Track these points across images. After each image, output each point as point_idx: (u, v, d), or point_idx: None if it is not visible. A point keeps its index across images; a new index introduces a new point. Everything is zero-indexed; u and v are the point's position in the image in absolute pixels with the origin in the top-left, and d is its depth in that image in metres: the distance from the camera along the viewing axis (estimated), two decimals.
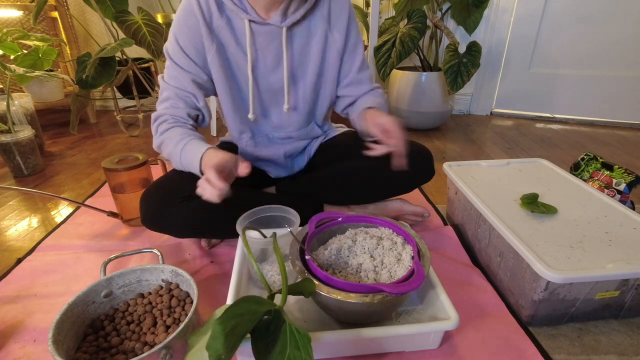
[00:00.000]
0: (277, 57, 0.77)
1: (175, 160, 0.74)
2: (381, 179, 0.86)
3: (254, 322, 0.44)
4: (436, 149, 1.62)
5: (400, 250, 0.64)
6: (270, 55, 0.77)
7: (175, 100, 0.76)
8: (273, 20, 0.72)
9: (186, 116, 0.76)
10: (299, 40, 0.77)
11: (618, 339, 0.64)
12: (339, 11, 0.78)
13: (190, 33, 0.73)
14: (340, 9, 0.78)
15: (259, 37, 0.75)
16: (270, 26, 0.73)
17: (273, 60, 0.77)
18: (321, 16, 0.77)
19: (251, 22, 0.73)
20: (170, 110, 0.76)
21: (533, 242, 0.66)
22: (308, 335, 0.45)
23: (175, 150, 0.72)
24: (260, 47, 0.76)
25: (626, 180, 0.96)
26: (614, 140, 1.73)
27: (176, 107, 0.76)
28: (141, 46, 1.44)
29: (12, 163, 1.34)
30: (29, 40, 1.41)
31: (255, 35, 0.74)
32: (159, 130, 0.75)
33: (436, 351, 0.61)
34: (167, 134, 0.74)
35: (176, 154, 0.72)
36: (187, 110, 0.76)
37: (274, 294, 0.53)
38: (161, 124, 0.75)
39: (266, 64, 0.77)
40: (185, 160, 0.71)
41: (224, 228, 0.77)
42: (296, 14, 0.73)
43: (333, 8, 0.78)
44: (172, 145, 0.72)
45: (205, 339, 0.44)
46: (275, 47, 0.76)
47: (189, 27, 0.72)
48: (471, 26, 1.91)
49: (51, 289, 0.78)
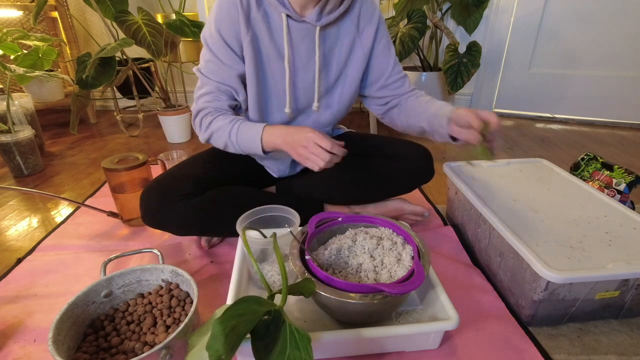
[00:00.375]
0: (308, 55, 0.77)
1: (231, 144, 0.75)
2: (381, 179, 0.87)
3: (254, 322, 0.44)
4: (436, 149, 1.62)
5: (400, 250, 0.64)
6: (301, 51, 0.77)
7: (217, 94, 0.76)
8: (309, 18, 0.73)
9: (228, 107, 0.78)
10: (328, 42, 0.78)
11: (618, 339, 0.64)
12: (368, 17, 0.79)
13: (232, 23, 0.72)
14: (371, 15, 0.80)
15: (294, 33, 0.75)
16: (305, 24, 0.74)
17: (304, 57, 0.78)
18: (351, 20, 0.78)
19: (288, 18, 0.73)
20: (213, 103, 0.76)
21: (533, 242, 0.66)
22: (308, 335, 0.45)
23: (231, 134, 0.74)
24: (295, 42, 0.76)
25: (626, 180, 0.96)
26: (614, 140, 1.73)
27: (218, 99, 0.77)
28: (141, 46, 1.44)
29: (12, 163, 1.34)
30: (29, 40, 1.41)
31: (290, 30, 0.75)
32: (204, 124, 0.76)
33: (436, 351, 0.61)
34: (215, 124, 0.75)
35: (232, 136, 0.74)
36: (229, 103, 0.78)
37: (274, 294, 0.53)
38: (205, 116, 0.76)
39: (300, 60, 0.78)
40: (244, 139, 0.73)
41: (224, 226, 0.77)
42: (331, 15, 0.74)
43: (362, 13, 0.79)
44: (226, 132, 0.74)
45: (206, 339, 0.44)
46: (306, 45, 0.76)
47: (231, 16, 0.72)
48: (471, 26, 1.91)
49: (51, 289, 0.78)
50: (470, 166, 0.89)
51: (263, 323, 0.46)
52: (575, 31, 1.85)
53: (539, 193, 0.83)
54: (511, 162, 0.99)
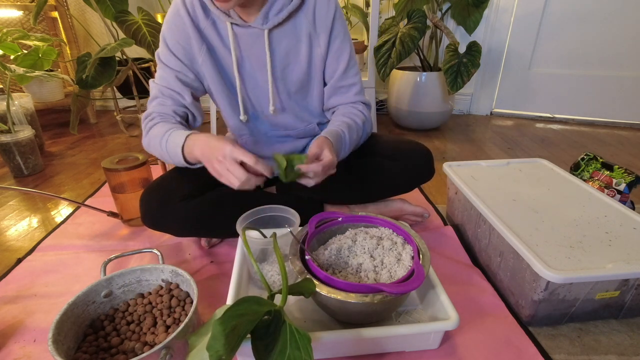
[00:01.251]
0: (261, 59, 0.76)
1: (165, 154, 0.72)
2: (381, 179, 0.86)
3: (254, 322, 0.44)
4: (436, 149, 1.62)
5: (400, 250, 0.64)
6: (254, 57, 0.76)
7: (162, 98, 0.76)
8: (255, 23, 0.72)
9: (172, 113, 0.76)
10: (285, 42, 0.76)
11: (618, 339, 0.64)
12: (324, 13, 0.75)
13: (177, 33, 0.74)
14: (326, 12, 0.75)
15: (243, 39, 0.75)
16: (252, 28, 0.73)
17: (257, 62, 0.77)
18: (305, 18, 0.75)
19: (233, 25, 0.73)
20: (157, 108, 0.76)
21: (533, 242, 0.66)
22: (308, 335, 0.45)
23: (161, 142, 0.71)
24: (245, 48, 0.75)
25: (626, 180, 0.96)
26: (614, 140, 1.73)
27: (163, 104, 0.76)
28: (141, 46, 1.44)
29: (12, 163, 1.34)
30: (29, 40, 1.41)
31: (238, 37, 0.74)
32: (145, 129, 0.75)
33: (436, 351, 0.61)
34: (153, 131, 0.73)
35: (163, 145, 0.70)
36: (174, 108, 0.76)
37: (274, 294, 0.53)
38: (148, 122, 0.75)
39: (252, 65, 0.77)
40: (171, 148, 0.70)
41: (224, 227, 0.77)
42: (278, 15, 0.72)
43: (318, 10, 0.75)
44: (157, 140, 0.71)
45: (206, 340, 0.44)
46: (258, 49, 0.76)
47: (177, 26, 0.73)
48: (471, 26, 1.91)
49: (51, 289, 0.78)
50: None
51: (263, 323, 0.46)
52: (575, 31, 1.85)
53: (539, 193, 0.83)
54: (511, 162, 0.99)
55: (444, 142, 1.72)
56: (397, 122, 1.97)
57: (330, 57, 0.79)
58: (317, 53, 0.78)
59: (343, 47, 0.79)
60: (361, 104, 0.83)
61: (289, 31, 0.75)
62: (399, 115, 1.90)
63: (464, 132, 1.87)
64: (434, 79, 1.74)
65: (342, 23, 0.78)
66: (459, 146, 1.66)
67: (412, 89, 1.78)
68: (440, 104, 1.79)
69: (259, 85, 0.79)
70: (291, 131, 0.87)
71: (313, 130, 0.90)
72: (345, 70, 0.80)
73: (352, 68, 0.81)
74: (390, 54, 1.59)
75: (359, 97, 0.83)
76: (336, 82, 0.81)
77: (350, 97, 0.82)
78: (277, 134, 0.88)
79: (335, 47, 0.78)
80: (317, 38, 0.77)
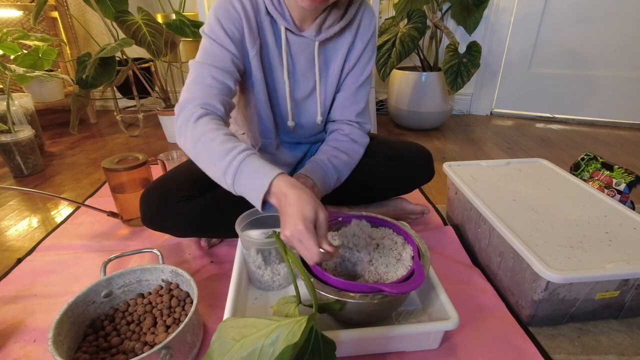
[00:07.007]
0: (307, 67, 0.76)
1: (215, 174, 0.59)
2: (381, 179, 0.86)
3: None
4: (436, 149, 1.62)
5: (400, 250, 0.64)
6: (299, 65, 0.75)
7: (211, 81, 0.64)
8: (307, 34, 0.71)
9: (219, 104, 0.64)
10: (327, 52, 0.76)
11: (618, 339, 0.64)
12: (366, 29, 0.76)
13: (234, 16, 0.67)
14: (368, 27, 0.76)
15: (293, 45, 0.73)
16: (303, 38, 0.72)
17: (304, 69, 0.76)
18: (350, 33, 0.75)
19: (287, 31, 0.71)
20: (202, 94, 0.63)
21: (533, 242, 0.66)
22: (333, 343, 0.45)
23: (222, 165, 0.57)
24: (294, 53, 0.74)
25: (626, 180, 0.96)
26: (614, 140, 1.73)
27: (207, 92, 0.63)
28: (141, 46, 1.44)
29: (12, 163, 1.34)
30: (29, 40, 1.41)
31: (290, 42, 0.73)
32: (190, 122, 0.61)
33: (436, 351, 0.61)
34: (205, 134, 0.59)
35: (226, 173, 0.57)
36: (220, 98, 0.65)
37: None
38: (193, 111, 0.61)
39: (297, 72, 0.76)
40: (242, 184, 0.56)
41: (224, 228, 0.77)
42: (330, 30, 0.71)
43: (362, 26, 0.76)
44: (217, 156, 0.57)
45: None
46: (305, 57, 0.75)
47: (236, 9, 0.67)
48: (471, 26, 1.91)
49: (51, 289, 0.78)
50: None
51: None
52: (575, 31, 1.85)
53: (539, 193, 0.83)
54: (511, 162, 0.99)
55: (444, 142, 1.72)
56: (397, 122, 1.97)
57: (355, 69, 0.79)
58: (352, 60, 0.78)
59: (368, 64, 0.79)
60: (357, 125, 0.82)
61: (331, 45, 0.76)
62: (398, 115, 1.90)
63: (464, 132, 1.87)
64: (434, 79, 1.74)
65: (374, 41, 0.79)
66: (459, 146, 1.66)
67: (412, 89, 1.78)
68: (440, 104, 1.79)
69: (303, 92, 0.79)
70: (307, 138, 0.88)
71: (322, 135, 0.90)
72: (359, 87, 0.80)
73: (365, 88, 0.81)
74: (390, 54, 1.60)
75: (359, 119, 0.82)
76: (346, 95, 0.80)
77: (351, 116, 0.82)
78: (291, 140, 0.88)
79: (364, 61, 0.78)
80: (354, 47, 0.77)
